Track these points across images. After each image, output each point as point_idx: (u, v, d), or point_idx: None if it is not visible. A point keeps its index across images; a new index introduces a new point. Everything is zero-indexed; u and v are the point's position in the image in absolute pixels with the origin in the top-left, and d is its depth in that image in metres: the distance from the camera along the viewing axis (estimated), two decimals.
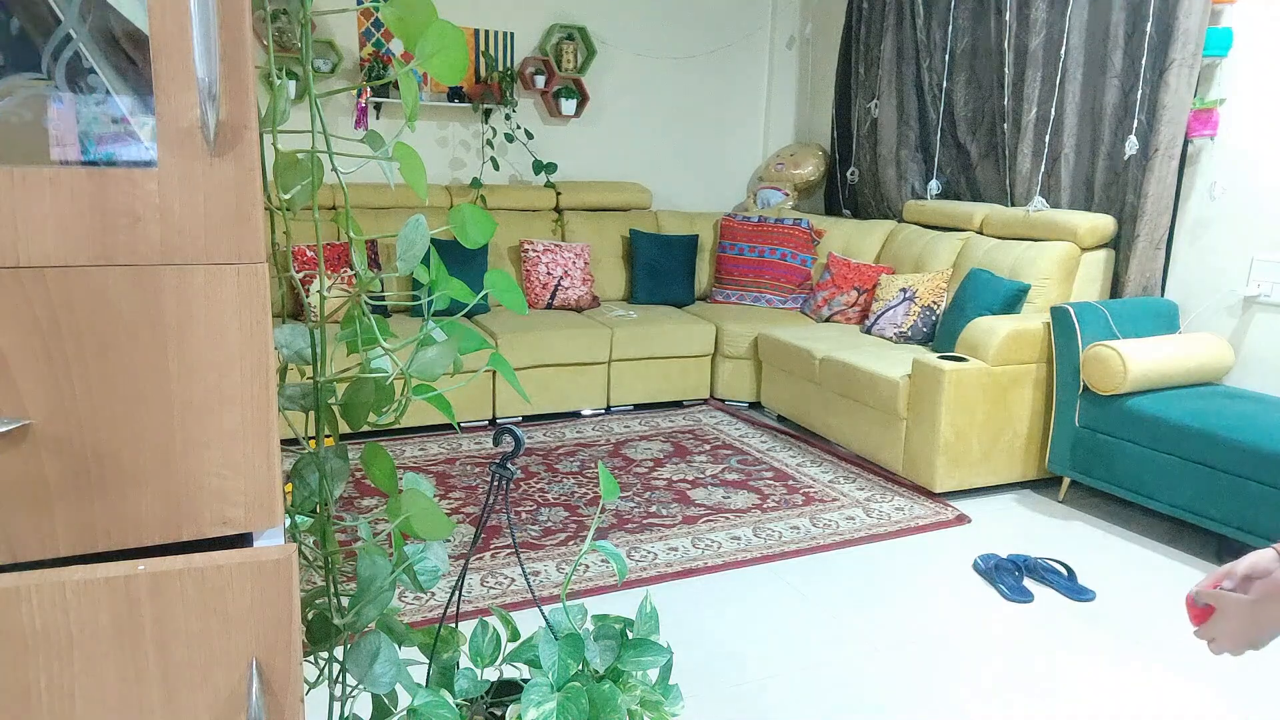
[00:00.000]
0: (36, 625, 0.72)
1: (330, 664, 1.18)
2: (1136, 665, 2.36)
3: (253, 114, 0.74)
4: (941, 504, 3.43)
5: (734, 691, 2.19)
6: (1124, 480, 3.20)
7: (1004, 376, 3.43)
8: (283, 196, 1.03)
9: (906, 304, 4.15)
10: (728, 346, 4.61)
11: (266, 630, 0.80)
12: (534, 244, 4.69)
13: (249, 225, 0.76)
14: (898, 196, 4.94)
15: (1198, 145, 3.53)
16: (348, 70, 4.66)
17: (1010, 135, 4.18)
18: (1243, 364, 3.42)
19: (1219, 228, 3.48)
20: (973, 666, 2.33)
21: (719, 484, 3.57)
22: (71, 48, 0.77)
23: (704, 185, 5.74)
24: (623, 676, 1.30)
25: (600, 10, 5.18)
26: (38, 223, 0.69)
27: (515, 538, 1.70)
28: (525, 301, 1.17)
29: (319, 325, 1.08)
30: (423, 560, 1.29)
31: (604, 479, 1.28)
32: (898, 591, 2.73)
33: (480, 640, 1.43)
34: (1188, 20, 3.35)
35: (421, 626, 2.25)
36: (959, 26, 4.46)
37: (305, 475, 1.10)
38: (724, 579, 2.78)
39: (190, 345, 0.75)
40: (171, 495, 0.77)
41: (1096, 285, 3.75)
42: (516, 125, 5.08)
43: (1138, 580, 2.86)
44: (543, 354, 4.22)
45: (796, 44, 5.74)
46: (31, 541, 0.73)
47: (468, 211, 1.11)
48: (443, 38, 0.97)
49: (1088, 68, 3.85)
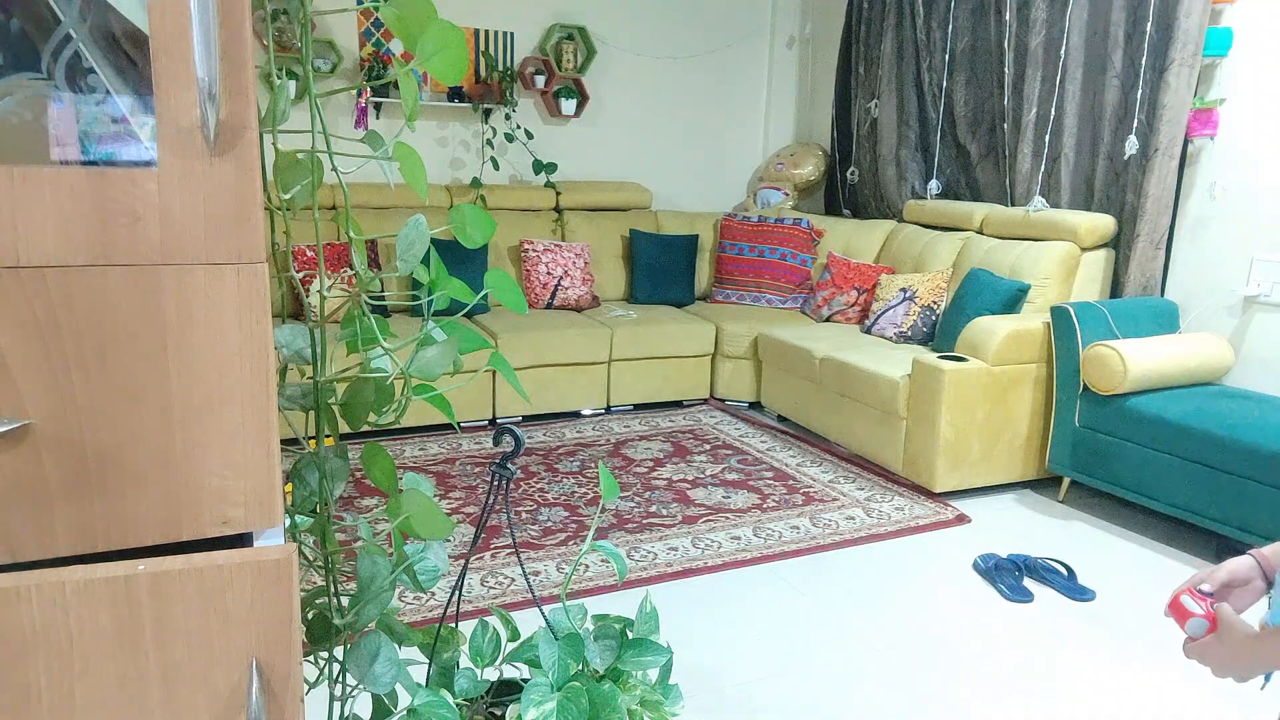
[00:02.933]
0: (36, 625, 0.72)
1: (330, 664, 1.18)
2: (1136, 665, 2.36)
3: (253, 114, 0.74)
4: (941, 504, 3.43)
5: (734, 691, 2.19)
6: (1124, 480, 3.20)
7: (1004, 376, 3.43)
8: (283, 196, 1.03)
9: (906, 304, 4.15)
10: (728, 346, 4.61)
11: (266, 630, 0.80)
12: (534, 244, 4.69)
13: (249, 225, 0.76)
14: (898, 196, 4.94)
15: (1198, 145, 3.52)
16: (348, 70, 4.66)
17: (1010, 135, 4.18)
18: (1243, 364, 3.42)
19: (1219, 228, 3.48)
20: (973, 666, 2.33)
21: (719, 484, 3.57)
22: (71, 48, 0.77)
23: (704, 185, 5.74)
24: (623, 676, 1.30)
25: (600, 10, 5.18)
26: (38, 223, 0.69)
27: (515, 538, 1.70)
28: (525, 301, 1.17)
29: (319, 325, 1.08)
30: (423, 560, 1.29)
31: (604, 479, 1.28)
32: (898, 591, 2.73)
33: (480, 640, 1.43)
34: (1188, 20, 3.35)
35: (421, 626, 2.24)
36: (959, 26, 4.46)
37: (305, 475, 1.10)
38: (724, 579, 2.77)
39: (190, 345, 0.75)
40: (171, 495, 0.77)
41: (1096, 285, 3.75)
42: (516, 125, 5.08)
43: (1138, 580, 2.86)
44: (543, 354, 4.22)
45: (796, 44, 5.74)
46: (31, 541, 0.73)
47: (468, 211, 1.11)
48: (443, 38, 0.97)
49: (1088, 68, 3.85)
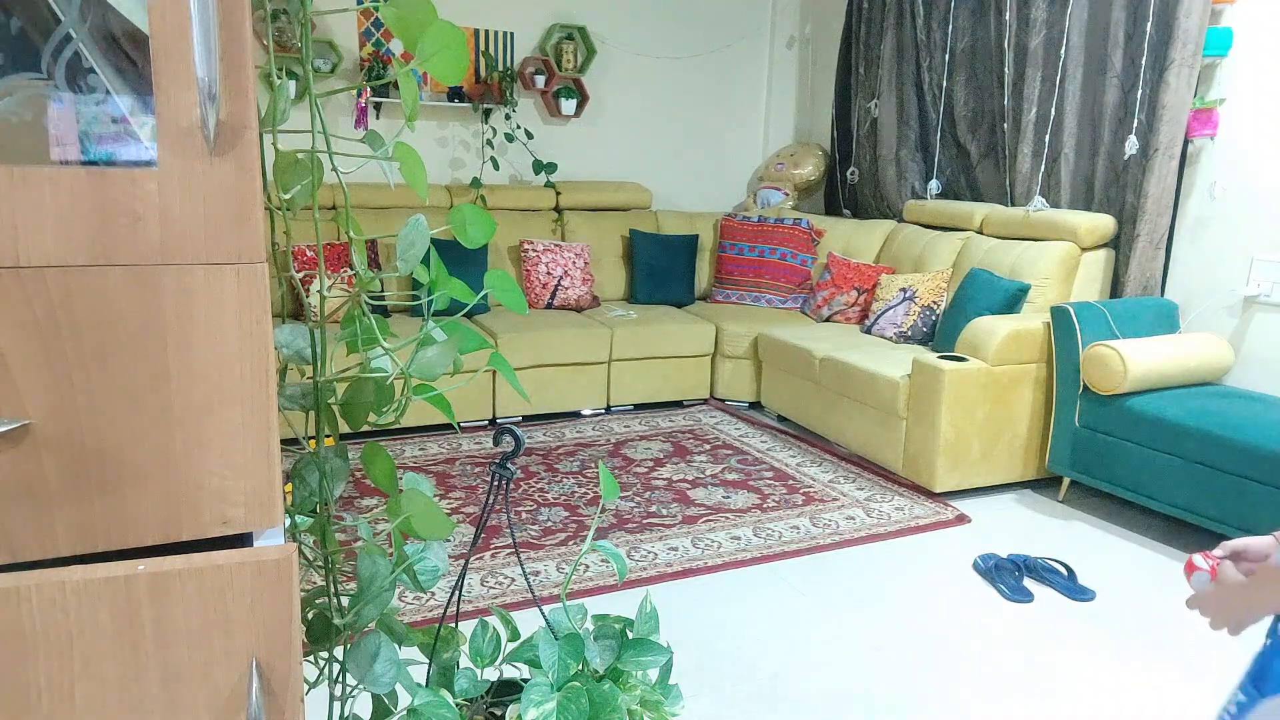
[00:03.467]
0: (36, 625, 0.72)
1: (330, 664, 1.18)
2: (1136, 665, 2.36)
3: (253, 114, 0.74)
4: (941, 504, 3.43)
5: (734, 691, 2.19)
6: (1124, 480, 3.20)
7: (1004, 376, 3.43)
8: (283, 196, 1.03)
9: (906, 304, 4.14)
10: (728, 346, 4.61)
11: (266, 630, 0.80)
12: (534, 244, 4.69)
13: (249, 225, 0.75)
14: (898, 196, 4.94)
15: (1198, 145, 3.52)
16: (348, 70, 4.66)
17: (1010, 135, 4.18)
18: (1243, 364, 3.42)
19: (1219, 228, 3.48)
20: (973, 666, 2.33)
21: (719, 484, 3.57)
22: (71, 48, 0.77)
23: (704, 185, 5.74)
24: (623, 676, 1.30)
25: (600, 10, 5.18)
26: (38, 223, 0.69)
27: (515, 538, 1.70)
28: (525, 301, 1.17)
29: (319, 325, 1.08)
30: (423, 560, 1.29)
31: (604, 479, 1.28)
32: (898, 591, 2.73)
33: (480, 640, 1.43)
34: (1188, 20, 3.35)
35: (421, 626, 2.24)
36: (959, 26, 4.46)
37: (305, 475, 1.10)
38: (724, 579, 2.77)
39: (190, 345, 0.75)
40: (171, 495, 0.77)
41: (1096, 285, 3.75)
42: (516, 125, 5.08)
43: (1138, 580, 2.86)
44: (543, 354, 4.22)
45: (796, 44, 5.74)
46: (31, 541, 0.73)
47: (468, 211, 1.11)
48: (443, 38, 0.97)
49: (1088, 68, 3.85)
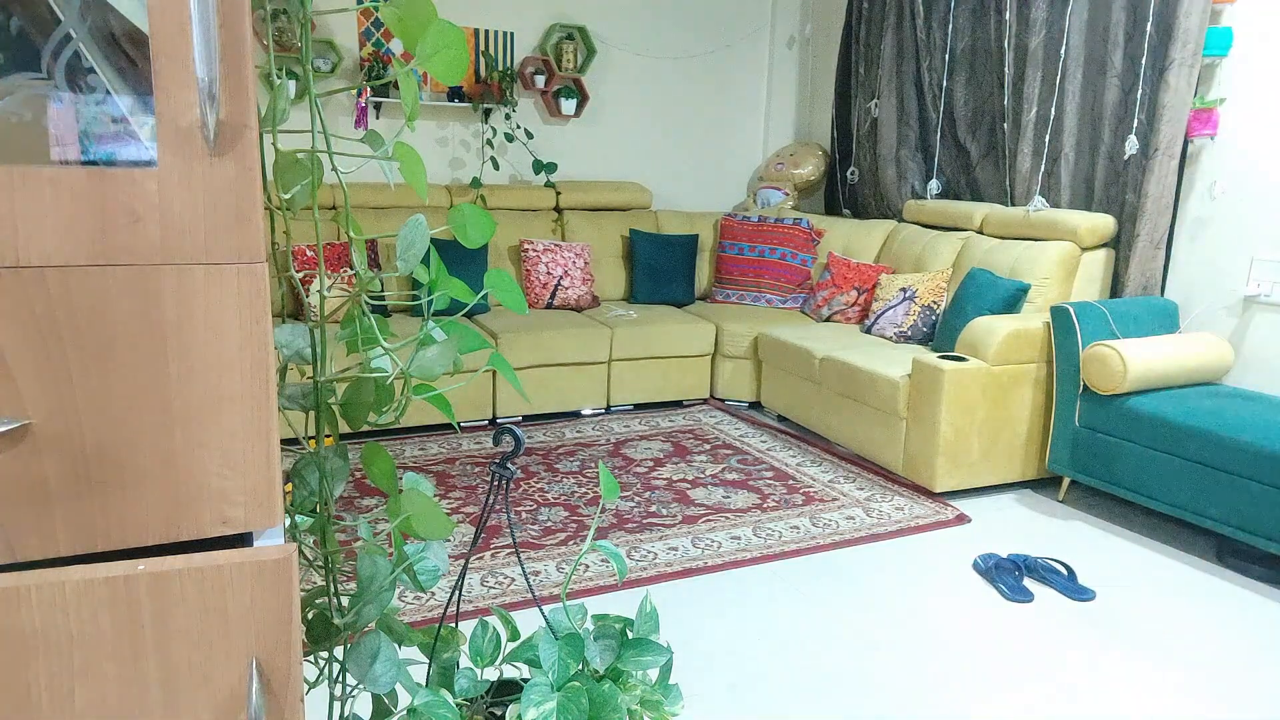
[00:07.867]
0: (36, 625, 0.72)
1: (330, 664, 1.18)
2: (1136, 665, 2.36)
3: (253, 114, 0.74)
4: (941, 504, 3.43)
5: (734, 691, 2.19)
6: (1124, 480, 3.20)
7: (1004, 376, 3.43)
8: (283, 196, 1.03)
9: (906, 304, 4.14)
10: (728, 346, 4.61)
11: (266, 630, 0.80)
12: (534, 244, 4.69)
13: (249, 225, 0.75)
14: (898, 196, 4.94)
15: (1198, 145, 3.52)
16: (348, 70, 4.66)
17: (1010, 135, 4.18)
18: (1243, 364, 3.42)
19: (1219, 227, 3.48)
20: (972, 666, 2.33)
21: (719, 484, 3.57)
22: (71, 48, 0.77)
23: (704, 185, 5.74)
24: (623, 676, 1.30)
25: (600, 10, 5.18)
26: (38, 223, 0.69)
27: (515, 537, 1.70)
28: (525, 301, 1.17)
29: (319, 325, 1.08)
30: (423, 560, 1.29)
31: (604, 479, 1.28)
32: (897, 591, 2.73)
33: (480, 640, 1.43)
34: (1188, 20, 3.35)
35: (421, 626, 2.24)
36: (959, 26, 4.46)
37: (305, 475, 1.10)
38: (724, 579, 2.77)
39: (190, 345, 0.75)
40: (171, 495, 0.77)
41: (1096, 285, 3.75)
42: (516, 125, 5.08)
43: (1138, 580, 2.86)
44: (543, 354, 4.22)
45: (796, 44, 5.74)
46: (31, 541, 0.73)
47: (468, 211, 1.11)
48: (443, 37, 0.97)
49: (1088, 67, 3.85)
